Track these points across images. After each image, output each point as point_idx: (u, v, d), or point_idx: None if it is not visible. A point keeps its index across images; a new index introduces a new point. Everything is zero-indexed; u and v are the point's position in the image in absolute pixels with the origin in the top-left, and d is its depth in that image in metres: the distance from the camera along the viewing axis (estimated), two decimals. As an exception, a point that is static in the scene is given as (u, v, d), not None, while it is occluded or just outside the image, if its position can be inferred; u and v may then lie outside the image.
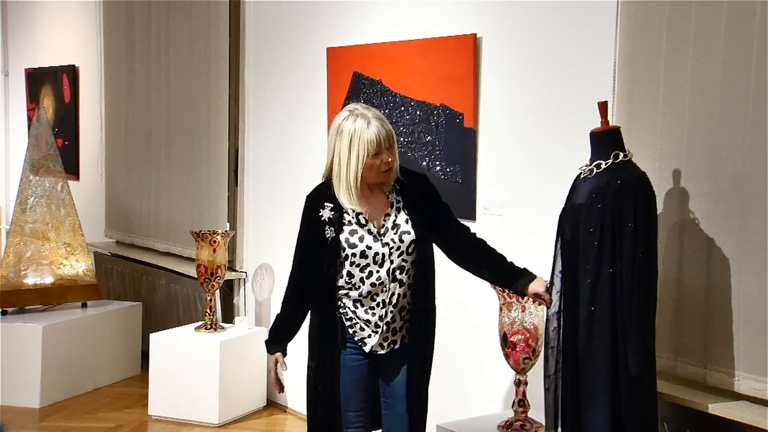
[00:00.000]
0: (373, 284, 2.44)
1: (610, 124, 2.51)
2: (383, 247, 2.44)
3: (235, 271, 4.68)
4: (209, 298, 4.29)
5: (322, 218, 2.42)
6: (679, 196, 2.59)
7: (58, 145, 5.17)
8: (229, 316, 4.70)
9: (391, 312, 2.46)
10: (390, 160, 2.38)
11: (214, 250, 4.24)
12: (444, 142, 3.41)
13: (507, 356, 2.85)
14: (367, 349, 2.49)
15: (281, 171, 4.42)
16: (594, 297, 2.32)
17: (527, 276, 2.53)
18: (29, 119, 6.68)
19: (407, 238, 2.47)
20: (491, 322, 2.98)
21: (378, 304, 2.45)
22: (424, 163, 3.49)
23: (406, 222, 2.49)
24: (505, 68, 3.21)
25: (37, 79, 6.77)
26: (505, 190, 3.23)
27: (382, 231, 2.45)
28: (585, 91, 2.89)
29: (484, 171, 3.29)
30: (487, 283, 2.73)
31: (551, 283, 2.50)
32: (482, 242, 2.62)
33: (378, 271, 2.44)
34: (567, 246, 2.44)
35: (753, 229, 2.40)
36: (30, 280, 4.67)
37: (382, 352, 2.50)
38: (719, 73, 2.47)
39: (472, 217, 3.29)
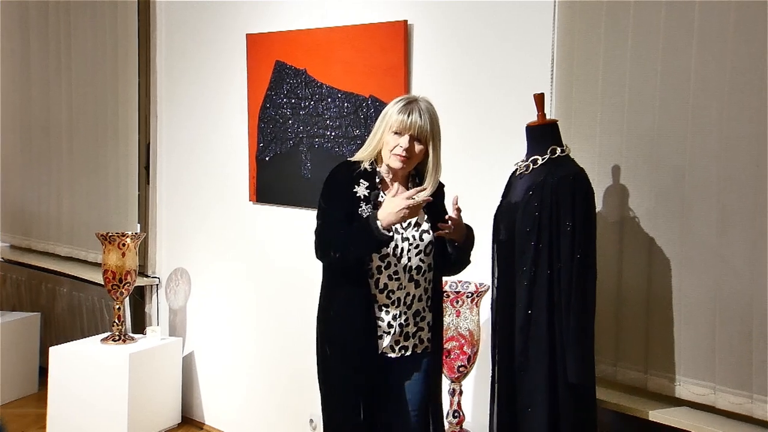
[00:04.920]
0: (390, 276, 2.47)
1: (548, 117, 2.53)
2: (403, 241, 2.49)
3: (147, 276, 4.55)
4: (117, 306, 4.17)
5: (357, 194, 2.46)
6: (618, 194, 2.63)
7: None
8: (139, 326, 4.57)
9: (405, 314, 2.49)
10: (407, 147, 2.43)
11: (123, 254, 4.13)
12: (374, 136, 3.37)
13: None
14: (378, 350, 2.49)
15: (198, 167, 4.31)
16: (531, 300, 2.32)
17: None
18: None
19: (426, 238, 2.51)
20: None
21: (393, 303, 2.48)
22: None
23: (426, 222, 2.53)
24: (438, 57, 3.20)
25: None
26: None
27: (404, 225, 2.50)
28: (522, 83, 2.90)
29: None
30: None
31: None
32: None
33: (396, 265, 2.47)
34: (503, 246, 2.45)
35: (694, 228, 2.45)
36: None
37: (393, 355, 2.51)
38: (659, 63, 2.51)
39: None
